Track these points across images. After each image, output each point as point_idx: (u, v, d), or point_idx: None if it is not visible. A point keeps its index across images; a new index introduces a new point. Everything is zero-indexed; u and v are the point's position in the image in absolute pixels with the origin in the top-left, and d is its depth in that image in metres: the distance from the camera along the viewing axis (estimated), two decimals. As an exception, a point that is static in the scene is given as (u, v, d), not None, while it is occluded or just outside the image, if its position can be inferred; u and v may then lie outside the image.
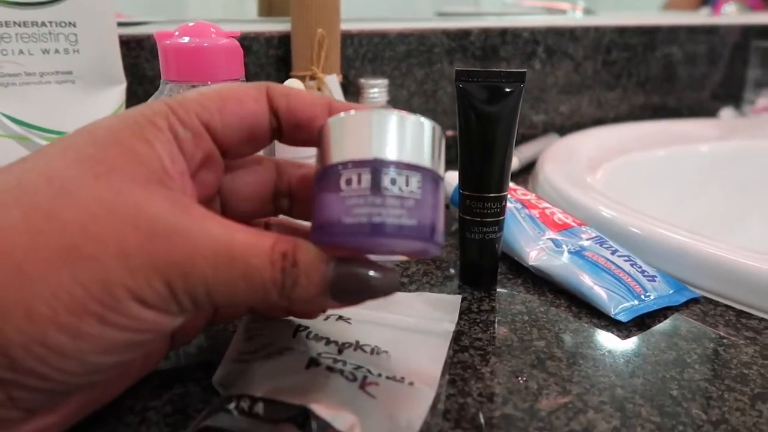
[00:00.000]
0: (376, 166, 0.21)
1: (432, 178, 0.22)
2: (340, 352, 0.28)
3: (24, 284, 0.18)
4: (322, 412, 0.22)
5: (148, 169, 0.21)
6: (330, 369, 0.25)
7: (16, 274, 0.18)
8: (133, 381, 0.26)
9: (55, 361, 0.19)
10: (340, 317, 0.31)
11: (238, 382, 0.25)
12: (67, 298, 0.19)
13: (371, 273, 0.22)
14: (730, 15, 0.97)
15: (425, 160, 0.22)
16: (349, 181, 0.21)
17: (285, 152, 0.38)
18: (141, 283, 0.19)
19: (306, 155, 0.39)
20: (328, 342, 0.28)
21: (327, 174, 0.22)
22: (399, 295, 0.35)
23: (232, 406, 0.22)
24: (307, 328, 0.29)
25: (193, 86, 0.34)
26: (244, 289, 0.21)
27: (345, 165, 0.21)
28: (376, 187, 0.21)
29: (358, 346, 0.28)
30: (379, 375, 0.26)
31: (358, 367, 0.26)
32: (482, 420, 0.25)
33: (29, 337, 0.18)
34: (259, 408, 0.22)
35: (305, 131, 0.25)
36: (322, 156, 0.23)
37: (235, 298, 0.21)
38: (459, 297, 0.35)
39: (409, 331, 0.31)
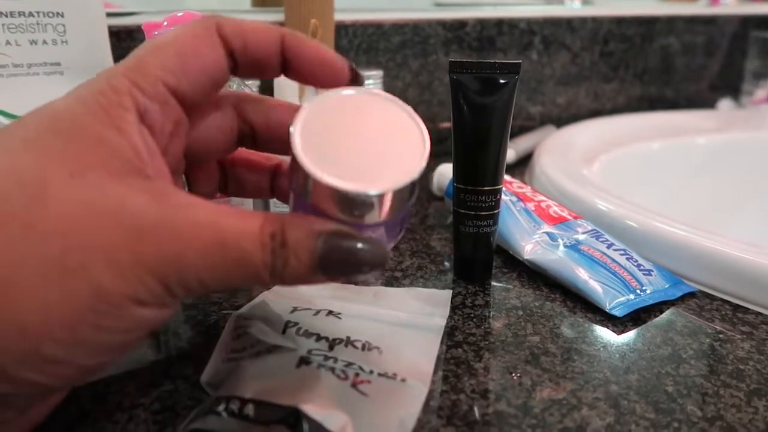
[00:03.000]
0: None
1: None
2: (330, 348, 0.27)
3: (13, 301, 0.17)
4: (313, 412, 0.22)
5: (122, 161, 0.19)
6: (321, 367, 0.25)
7: (3, 291, 0.17)
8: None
9: (50, 370, 0.19)
10: (330, 312, 0.30)
11: (227, 383, 0.25)
12: (60, 312, 0.18)
13: (359, 245, 0.21)
14: (729, 5, 0.96)
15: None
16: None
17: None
18: (136, 286, 0.19)
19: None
20: (319, 338, 0.28)
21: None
22: (389, 290, 0.34)
23: (221, 407, 0.22)
24: (296, 324, 0.29)
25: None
26: (237, 274, 0.20)
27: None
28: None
29: (349, 342, 0.28)
30: (371, 372, 0.26)
31: (350, 364, 0.26)
32: (475, 417, 0.25)
33: (24, 351, 0.18)
34: (250, 409, 0.22)
35: (264, 68, 0.24)
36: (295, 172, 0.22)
37: (227, 283, 0.20)
38: (450, 291, 0.34)
39: (400, 326, 0.30)
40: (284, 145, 0.23)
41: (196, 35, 0.22)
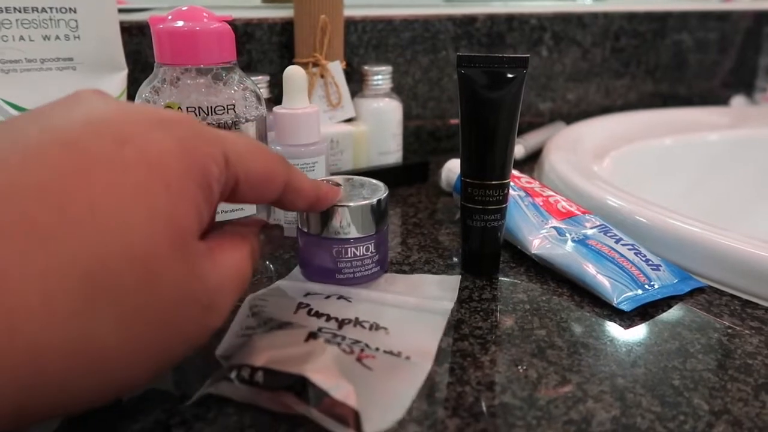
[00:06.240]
0: None
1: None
2: (339, 327, 0.28)
3: (114, 388, 0.21)
4: (320, 381, 0.23)
5: (199, 227, 0.22)
6: (328, 342, 0.26)
7: (106, 384, 0.20)
8: None
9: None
10: (341, 296, 0.32)
11: (239, 353, 0.26)
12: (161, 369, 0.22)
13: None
14: (743, 1, 0.95)
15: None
16: None
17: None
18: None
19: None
20: (329, 318, 0.29)
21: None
22: (399, 276, 0.36)
23: (233, 375, 0.23)
24: (308, 305, 0.30)
25: (186, 70, 0.34)
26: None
27: None
28: None
29: (357, 322, 0.29)
30: (377, 349, 0.27)
31: (356, 342, 0.27)
32: (480, 408, 0.25)
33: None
34: (259, 377, 0.23)
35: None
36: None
37: None
38: (458, 277, 0.35)
39: (408, 309, 0.31)
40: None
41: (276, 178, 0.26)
